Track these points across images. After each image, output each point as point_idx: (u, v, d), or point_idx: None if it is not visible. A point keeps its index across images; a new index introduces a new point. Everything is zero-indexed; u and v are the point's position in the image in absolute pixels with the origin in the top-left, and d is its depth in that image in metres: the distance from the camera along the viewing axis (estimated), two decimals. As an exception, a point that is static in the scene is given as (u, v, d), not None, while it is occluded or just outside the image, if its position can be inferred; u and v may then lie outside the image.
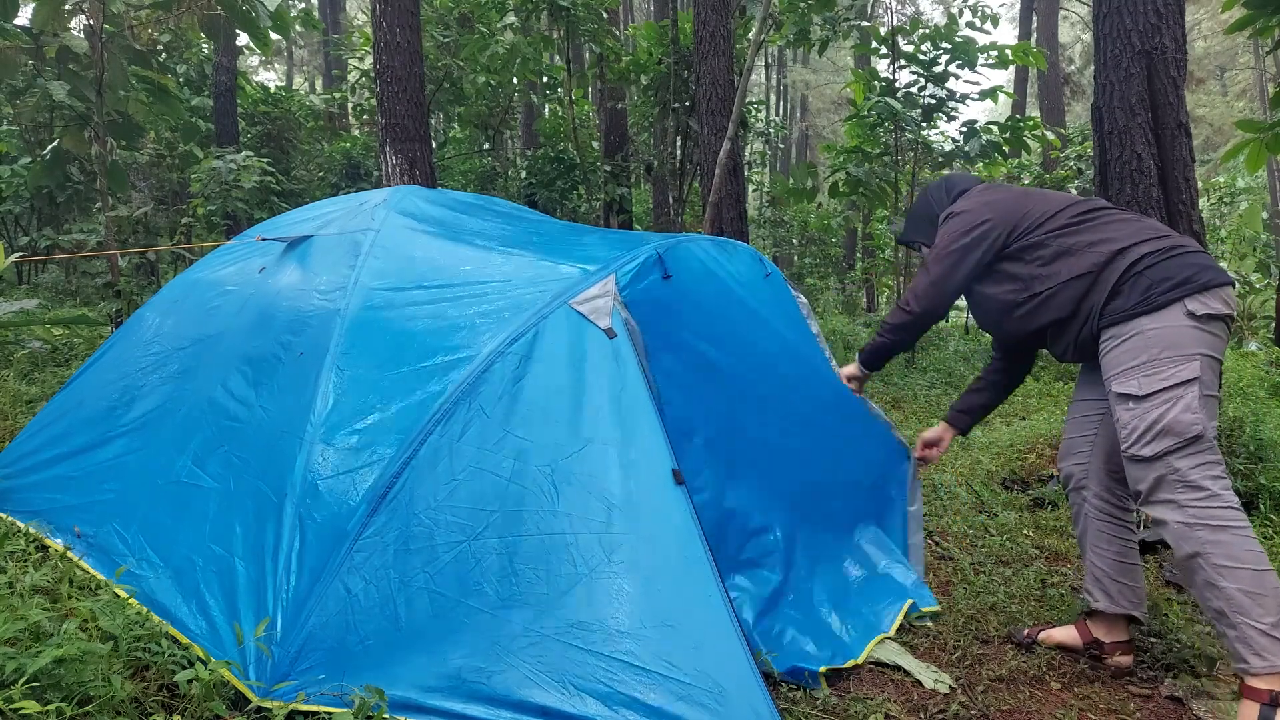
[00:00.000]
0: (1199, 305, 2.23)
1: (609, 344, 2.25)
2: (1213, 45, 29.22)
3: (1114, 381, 2.31)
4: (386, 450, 2.17)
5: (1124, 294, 2.31)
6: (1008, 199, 2.59)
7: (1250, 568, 2.11)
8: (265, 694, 1.94)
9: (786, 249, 16.78)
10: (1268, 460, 4.15)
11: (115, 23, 6.16)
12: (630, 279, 2.42)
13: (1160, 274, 2.27)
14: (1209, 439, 2.20)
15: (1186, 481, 2.18)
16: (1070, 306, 2.41)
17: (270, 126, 12.94)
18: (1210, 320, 2.24)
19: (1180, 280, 2.25)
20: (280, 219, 3.49)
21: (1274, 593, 2.09)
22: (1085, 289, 2.37)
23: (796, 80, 31.70)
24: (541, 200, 11.69)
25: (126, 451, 2.83)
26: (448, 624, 2.01)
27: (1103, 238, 2.38)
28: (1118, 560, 2.58)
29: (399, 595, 2.03)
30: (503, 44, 10.40)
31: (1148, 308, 2.26)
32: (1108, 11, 4.31)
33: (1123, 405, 2.28)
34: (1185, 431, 2.18)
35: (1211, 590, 2.15)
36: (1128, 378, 2.27)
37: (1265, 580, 2.10)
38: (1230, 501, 2.17)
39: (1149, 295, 2.27)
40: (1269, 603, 2.08)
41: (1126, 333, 2.29)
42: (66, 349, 5.86)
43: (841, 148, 9.61)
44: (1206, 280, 2.25)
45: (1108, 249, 2.35)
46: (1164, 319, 2.24)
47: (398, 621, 2.02)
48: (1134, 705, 2.40)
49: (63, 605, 2.28)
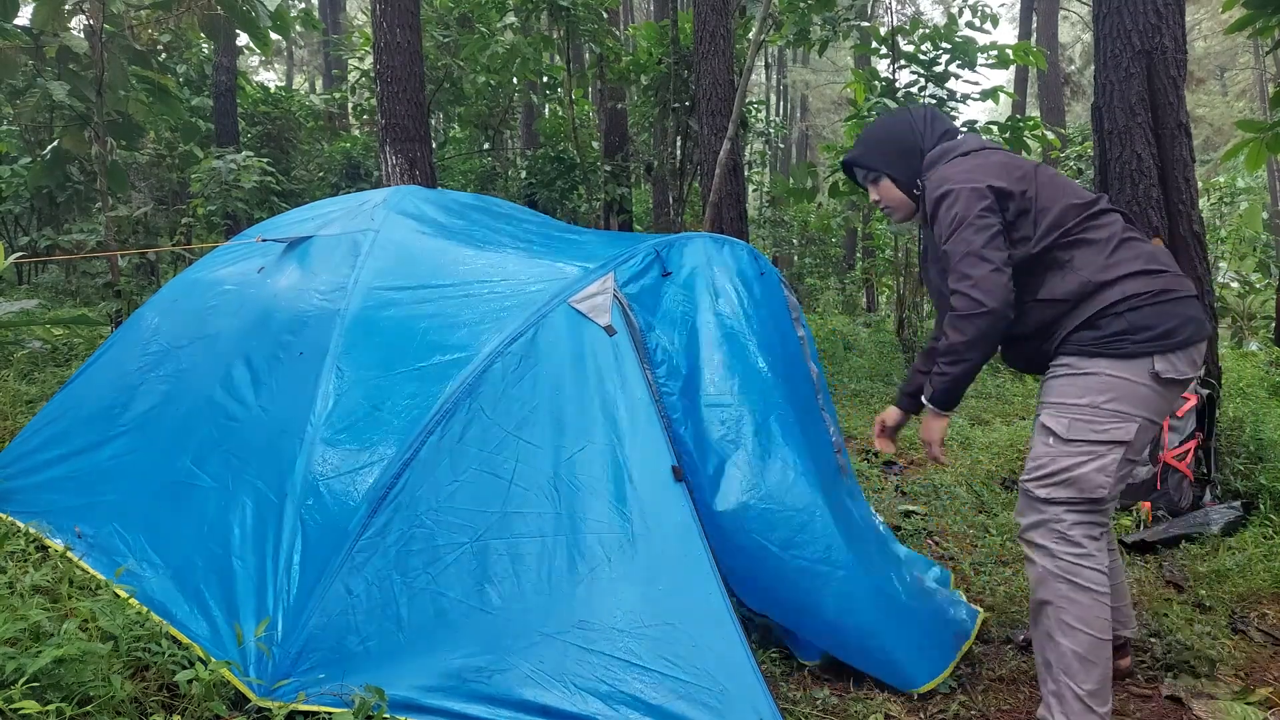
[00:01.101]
0: (1166, 366, 2.07)
1: (609, 341, 2.27)
2: (1213, 45, 29.22)
3: (1046, 410, 2.16)
4: (387, 450, 2.18)
5: (1097, 328, 2.10)
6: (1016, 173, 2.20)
7: (1094, 635, 2.06)
8: (265, 693, 1.94)
9: (786, 249, 16.77)
10: (1268, 460, 4.15)
11: (115, 23, 6.16)
12: (630, 277, 2.42)
13: (1140, 320, 2.06)
14: (1108, 502, 2.12)
15: (1066, 536, 2.10)
16: (1034, 328, 2.20)
17: (270, 126, 12.93)
18: (1171, 384, 2.09)
19: (1159, 333, 2.06)
20: (280, 219, 3.50)
21: (1104, 664, 2.07)
22: (1057, 315, 2.15)
23: (796, 80, 31.69)
24: (541, 200, 11.69)
25: (126, 452, 2.83)
26: (449, 625, 2.01)
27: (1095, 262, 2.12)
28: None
29: (401, 596, 2.04)
30: (503, 44, 10.40)
31: (1115, 353, 2.08)
32: (1108, 11, 4.31)
33: (1042, 437, 2.15)
34: (1090, 492, 2.08)
35: (1049, 642, 2.10)
36: (1061, 414, 2.11)
37: (1101, 651, 2.07)
38: (1100, 565, 2.10)
39: (1121, 340, 2.07)
40: (1096, 673, 2.06)
41: (1083, 368, 2.11)
42: (66, 349, 5.85)
43: (841, 148, 9.61)
44: (1185, 337, 2.08)
45: (1095, 279, 2.11)
46: (1126, 370, 2.07)
47: (400, 622, 2.02)
48: (1134, 705, 2.40)
49: (63, 605, 2.28)
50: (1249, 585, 3.16)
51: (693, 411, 2.40)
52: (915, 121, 2.37)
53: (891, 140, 2.37)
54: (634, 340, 2.32)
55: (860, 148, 2.42)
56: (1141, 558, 3.53)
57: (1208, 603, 3.06)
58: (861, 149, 2.42)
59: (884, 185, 2.40)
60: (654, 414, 2.21)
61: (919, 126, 2.36)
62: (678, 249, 2.59)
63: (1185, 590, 3.19)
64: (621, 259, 2.45)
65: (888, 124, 2.40)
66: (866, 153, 2.41)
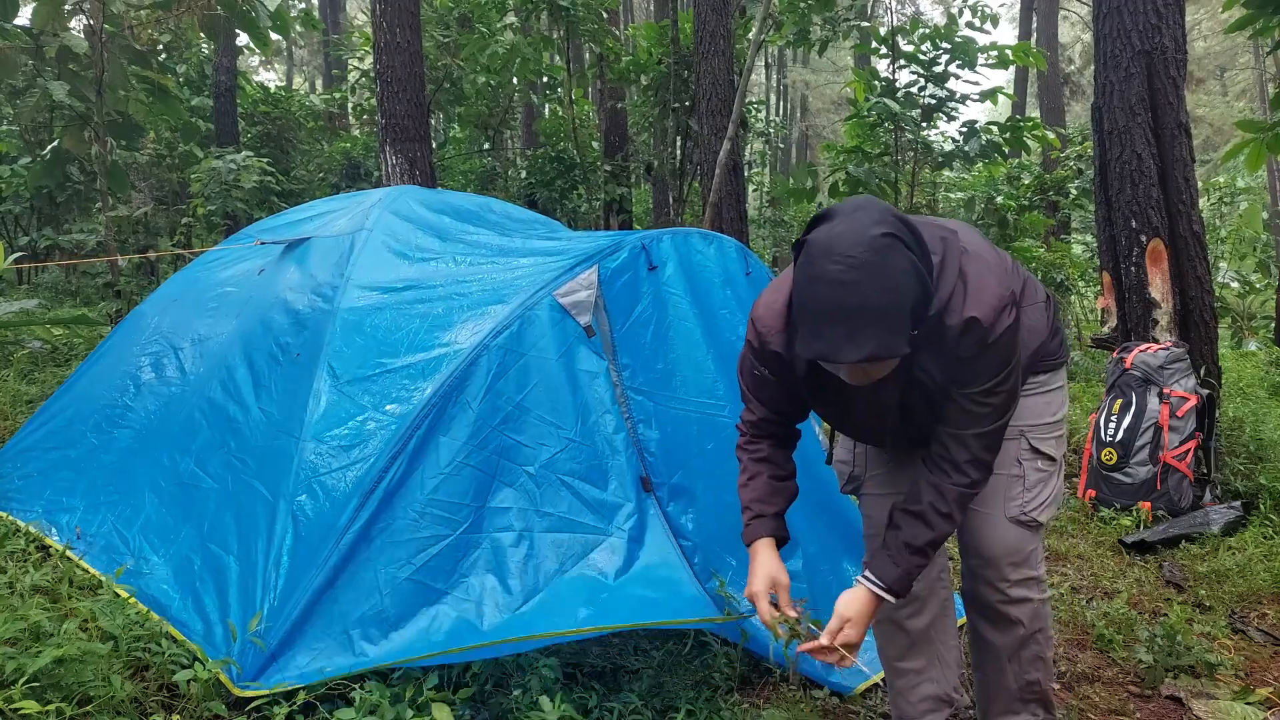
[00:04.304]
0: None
1: (588, 342, 2.34)
2: (1213, 45, 29.21)
3: (1033, 434, 1.92)
4: (375, 446, 2.21)
5: (1058, 336, 1.95)
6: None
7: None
8: (247, 686, 1.95)
9: (786, 249, 16.77)
10: (1268, 460, 4.15)
11: (115, 23, 6.16)
12: (614, 270, 2.44)
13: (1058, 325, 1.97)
14: None
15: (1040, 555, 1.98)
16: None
17: (270, 126, 12.92)
18: None
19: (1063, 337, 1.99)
20: (278, 218, 3.51)
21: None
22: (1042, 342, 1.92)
23: (796, 80, 31.70)
24: (541, 200, 11.68)
25: (128, 452, 2.84)
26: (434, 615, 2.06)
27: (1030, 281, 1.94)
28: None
29: (385, 586, 2.08)
30: (503, 44, 10.40)
31: (1060, 362, 1.97)
32: (1108, 11, 4.31)
33: (1033, 462, 1.92)
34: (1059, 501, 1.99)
35: (1039, 663, 1.97)
36: (1047, 434, 1.94)
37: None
38: None
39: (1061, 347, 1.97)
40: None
41: (1052, 384, 1.96)
42: (66, 349, 5.85)
43: (841, 148, 9.61)
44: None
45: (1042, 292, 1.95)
46: (1063, 377, 2.00)
47: (383, 612, 2.06)
48: (1134, 705, 2.40)
49: (63, 605, 2.28)
50: (1249, 585, 3.16)
51: (662, 412, 2.44)
52: (903, 278, 1.45)
53: (905, 314, 1.46)
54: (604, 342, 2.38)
55: (883, 339, 1.44)
56: (1141, 558, 3.53)
57: (1208, 603, 3.06)
58: (884, 340, 1.44)
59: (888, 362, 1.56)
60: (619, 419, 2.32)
61: (914, 286, 1.47)
62: (665, 244, 2.60)
63: (1185, 590, 3.19)
64: (607, 252, 2.47)
65: (896, 294, 1.44)
66: (894, 342, 1.46)
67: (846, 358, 1.45)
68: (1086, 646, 2.73)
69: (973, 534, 1.94)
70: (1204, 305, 4.23)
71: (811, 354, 1.49)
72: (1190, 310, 4.22)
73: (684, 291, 2.57)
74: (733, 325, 2.67)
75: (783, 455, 1.92)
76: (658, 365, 2.48)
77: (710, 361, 2.56)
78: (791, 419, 1.93)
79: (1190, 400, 3.95)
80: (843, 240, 1.44)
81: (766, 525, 1.85)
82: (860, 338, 1.43)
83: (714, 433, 2.49)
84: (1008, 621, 1.93)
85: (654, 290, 2.53)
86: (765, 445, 1.91)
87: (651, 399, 2.44)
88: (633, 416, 2.39)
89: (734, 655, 2.35)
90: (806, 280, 1.48)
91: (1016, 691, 1.98)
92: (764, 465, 1.90)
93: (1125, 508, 3.95)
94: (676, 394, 2.49)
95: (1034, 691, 1.99)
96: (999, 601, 1.92)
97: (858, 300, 1.42)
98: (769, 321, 1.77)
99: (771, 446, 1.91)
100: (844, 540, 2.81)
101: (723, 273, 2.69)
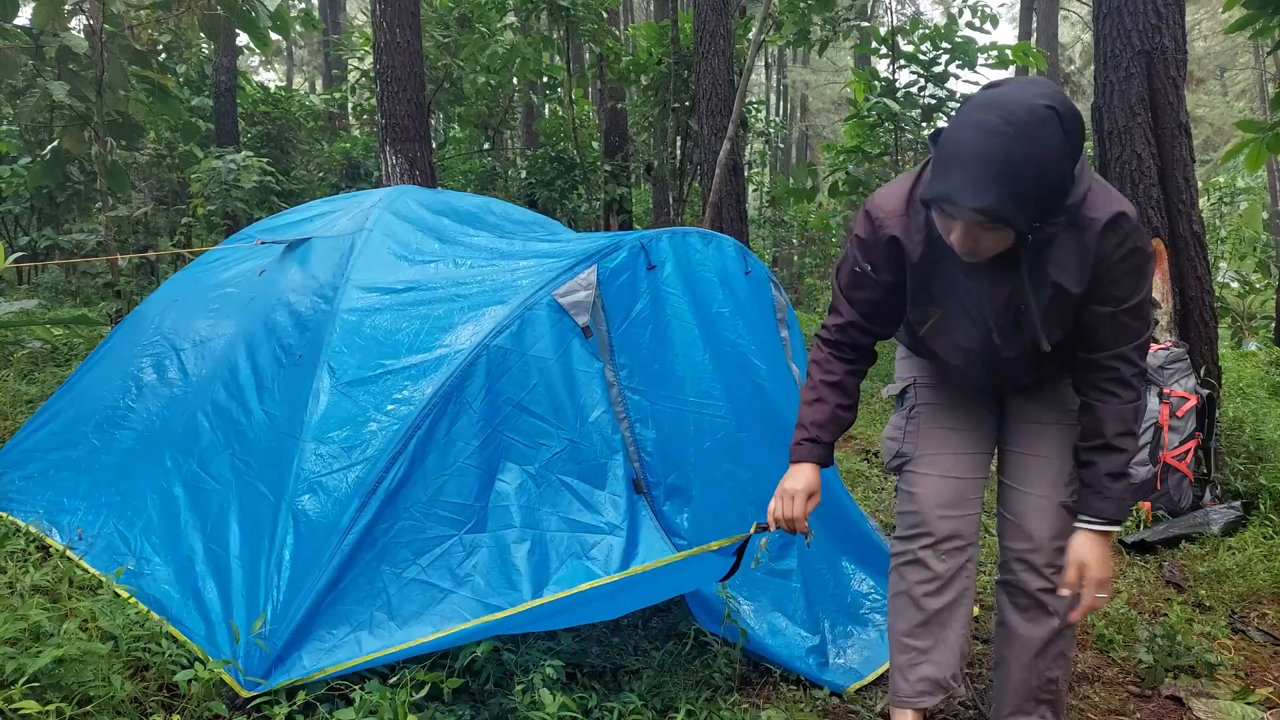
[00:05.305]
0: None
1: (585, 342, 2.34)
2: (1213, 45, 29.21)
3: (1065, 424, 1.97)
4: (377, 446, 2.21)
5: None
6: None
7: None
8: (253, 686, 1.95)
9: (786, 249, 16.77)
10: (1268, 460, 4.15)
11: (115, 23, 6.16)
12: (613, 269, 2.44)
13: None
14: None
15: None
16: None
17: (270, 126, 12.92)
18: None
19: None
20: (278, 218, 3.51)
21: None
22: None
23: (796, 80, 31.69)
24: (541, 200, 11.68)
25: (130, 453, 2.83)
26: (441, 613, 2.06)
27: None
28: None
29: (391, 586, 2.08)
30: (503, 44, 10.40)
31: None
32: (1108, 11, 4.31)
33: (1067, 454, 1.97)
34: None
35: (1062, 660, 1.99)
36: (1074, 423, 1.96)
37: None
38: None
39: None
40: None
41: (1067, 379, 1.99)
42: (66, 349, 5.85)
43: (841, 148, 9.62)
44: None
45: None
46: None
47: (390, 611, 2.06)
48: (1134, 705, 2.40)
49: (63, 605, 2.28)
50: (1249, 585, 3.16)
51: (659, 412, 2.44)
52: (1054, 159, 1.48)
53: (1038, 187, 1.49)
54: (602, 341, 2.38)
55: (1000, 194, 1.46)
56: (1141, 558, 3.53)
57: (1208, 603, 3.06)
58: (999, 196, 1.46)
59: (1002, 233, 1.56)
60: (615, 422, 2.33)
61: (1062, 166, 1.50)
62: (664, 243, 2.59)
63: (1185, 590, 3.19)
64: (606, 251, 2.47)
65: (1035, 161, 1.46)
66: (1012, 204, 1.47)
67: (966, 201, 1.47)
68: (1086, 646, 2.74)
69: (1024, 517, 1.95)
70: (1204, 305, 4.23)
71: (933, 193, 1.53)
72: (1190, 310, 4.22)
73: (682, 291, 2.57)
74: (730, 325, 2.66)
75: (853, 382, 1.96)
76: (655, 365, 2.48)
77: (707, 361, 2.56)
78: (879, 326, 1.94)
79: (1190, 400, 3.95)
80: (1006, 100, 1.48)
81: (817, 451, 1.92)
82: (987, 185, 1.45)
83: (710, 432, 2.50)
84: (1045, 613, 1.94)
85: (652, 290, 2.52)
86: (839, 367, 1.94)
87: (648, 398, 2.44)
88: (629, 416, 2.39)
89: (734, 655, 2.35)
90: (958, 125, 1.52)
91: (1034, 689, 1.99)
92: (833, 391, 1.93)
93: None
94: (673, 393, 2.49)
95: (1050, 691, 2.00)
96: (1041, 590, 1.93)
97: (1000, 153, 1.44)
98: (889, 205, 1.80)
99: (845, 369, 1.94)
100: (841, 538, 2.82)
101: (721, 272, 2.69)
